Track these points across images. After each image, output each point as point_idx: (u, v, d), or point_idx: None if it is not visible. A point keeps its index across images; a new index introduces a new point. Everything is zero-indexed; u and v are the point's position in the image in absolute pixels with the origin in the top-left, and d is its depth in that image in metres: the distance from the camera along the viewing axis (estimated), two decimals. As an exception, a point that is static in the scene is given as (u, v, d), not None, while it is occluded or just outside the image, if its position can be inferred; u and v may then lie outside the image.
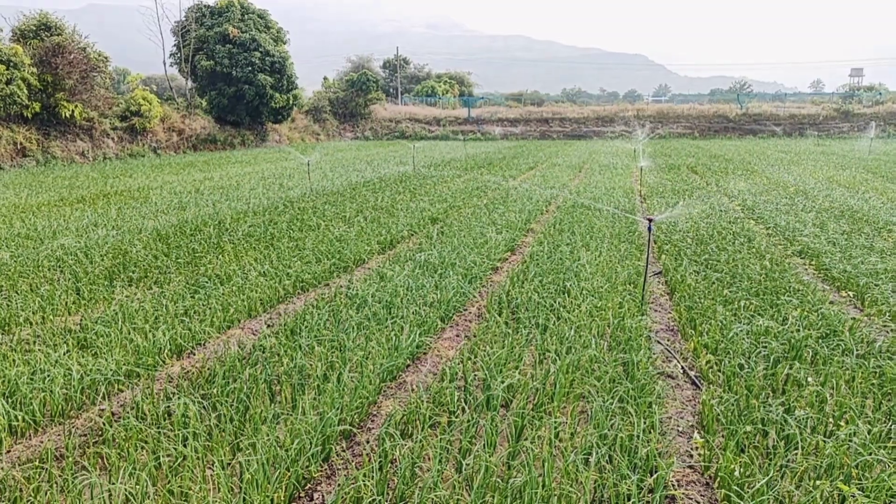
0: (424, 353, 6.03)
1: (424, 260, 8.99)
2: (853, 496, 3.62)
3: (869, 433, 4.29)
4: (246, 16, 42.65)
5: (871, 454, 4.00)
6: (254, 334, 6.50)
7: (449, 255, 9.24)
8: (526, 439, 4.24)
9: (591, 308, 6.90)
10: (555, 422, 4.44)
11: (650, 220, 7.23)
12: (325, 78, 62.66)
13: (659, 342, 6.31)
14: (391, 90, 71.22)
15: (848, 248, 9.80)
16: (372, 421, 4.74)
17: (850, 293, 7.83)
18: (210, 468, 3.97)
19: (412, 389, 5.13)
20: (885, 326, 6.66)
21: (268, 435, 4.18)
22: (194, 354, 5.98)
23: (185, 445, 4.16)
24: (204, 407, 4.71)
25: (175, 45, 43.27)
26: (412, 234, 11.41)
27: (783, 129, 53.32)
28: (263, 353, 5.73)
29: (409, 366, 5.72)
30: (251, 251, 9.71)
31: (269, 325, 6.68)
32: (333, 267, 8.85)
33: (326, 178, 20.58)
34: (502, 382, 5.00)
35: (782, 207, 13.87)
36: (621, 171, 22.44)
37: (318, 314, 6.67)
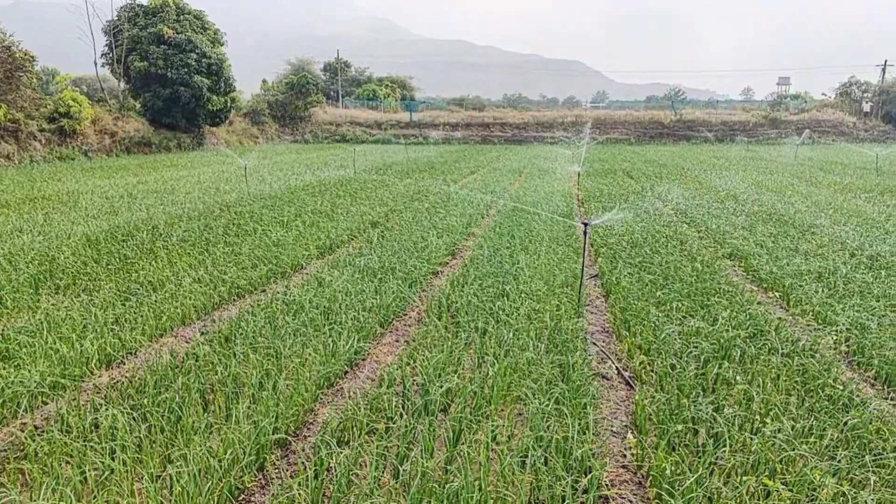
0: (363, 359, 5.99)
1: (364, 264, 8.93)
2: (777, 491, 3.74)
3: (793, 429, 4.45)
4: (182, 16, 41.69)
5: (794, 449, 4.14)
6: (187, 342, 6.34)
7: (389, 260, 9.21)
8: (464, 443, 4.25)
9: (529, 311, 6.97)
10: (492, 425, 4.47)
11: (586, 224, 7.36)
12: (263, 80, 61.70)
13: (594, 343, 6.42)
14: (332, 93, 70.64)
15: (775, 250, 10.15)
16: (308, 429, 4.68)
17: (777, 294, 8.11)
18: (139, 481, 3.85)
19: (350, 396, 5.08)
20: (808, 325, 6.92)
21: (200, 445, 4.08)
22: (124, 364, 5.80)
23: (112, 458, 4.03)
24: (134, 418, 4.57)
25: (107, 44, 41.90)
26: (352, 239, 11.33)
27: (715, 135, 54.96)
28: (197, 361, 5.59)
29: (346, 372, 5.67)
30: (185, 257, 9.48)
31: (203, 333, 6.53)
32: (270, 272, 8.72)
33: (265, 181, 20.28)
34: (441, 387, 5.00)
35: (713, 211, 14.29)
36: (560, 176, 22.77)
37: (254, 321, 6.55)
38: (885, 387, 5.48)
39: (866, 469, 4.02)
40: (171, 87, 39.70)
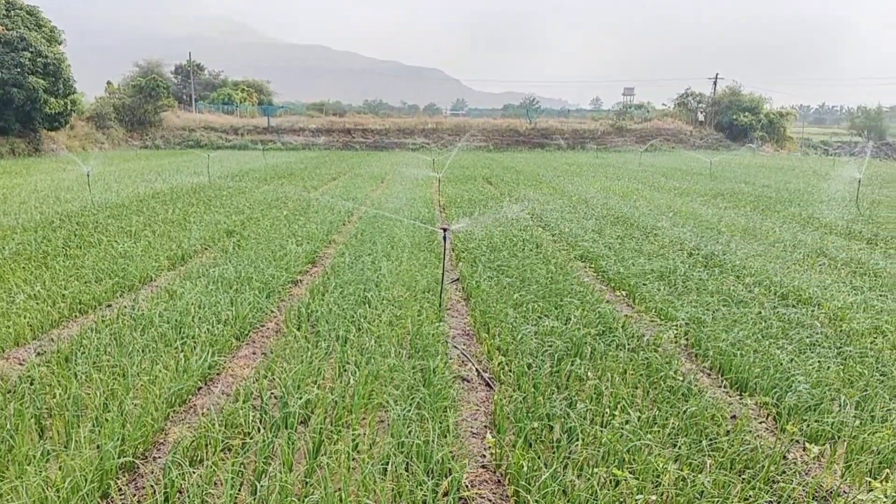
0: (218, 374, 5.76)
1: (219, 275, 8.60)
2: (626, 479, 3.95)
3: (639, 420, 4.72)
4: (12, 11, 38.43)
5: (640, 439, 4.39)
6: (21, 364, 5.83)
7: (246, 269, 8.92)
8: (324, 454, 4.18)
9: (391, 317, 6.98)
10: (354, 434, 4.43)
11: (445, 230, 7.47)
12: (108, 82, 58.03)
13: (455, 347, 6.52)
14: (185, 97, 67.62)
15: (621, 251, 10.76)
16: (158, 450, 4.43)
17: (624, 292, 8.59)
18: (-38, 521, 3.50)
19: (203, 413, 4.86)
20: (651, 322, 7.38)
21: (35, 475, 3.76)
22: (-55, 392, 5.24)
23: (-71, 498, 3.63)
24: (-45, 451, 4.14)
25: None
26: (206, 248, 10.88)
27: (567, 142, 57.58)
28: (32, 384, 5.15)
29: (200, 388, 5.43)
30: (20, 271, 8.72)
31: (39, 354, 6.03)
32: (117, 286, 8.20)
33: (110, 189, 19.07)
34: (300, 398, 4.90)
35: (567, 215, 14.95)
36: (422, 183, 23.01)
37: (98, 338, 6.13)
38: (719, 376, 5.94)
39: (703, 454, 4.33)
40: (3, 89, 36.49)
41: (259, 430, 4.53)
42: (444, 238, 7.75)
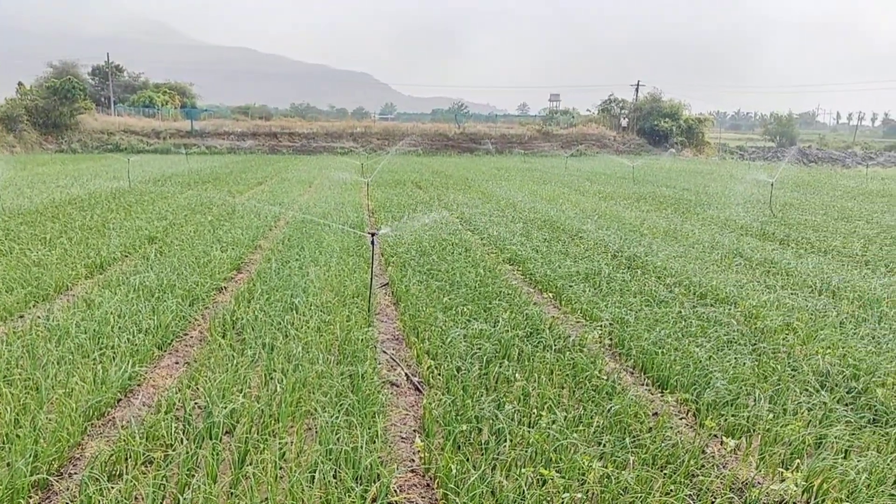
0: (139, 385, 5.57)
1: (140, 283, 8.33)
2: (552, 479, 4.02)
3: (565, 419, 4.81)
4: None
5: (566, 439, 4.48)
6: (-77, 381, 5.50)
7: (168, 277, 8.67)
8: (250, 464, 4.10)
9: (319, 323, 6.90)
10: (281, 442, 4.36)
11: (373, 235, 7.44)
12: (20, 84, 55.39)
13: (385, 352, 6.50)
14: (103, 99, 65.21)
15: (548, 254, 10.94)
16: (74, 465, 4.26)
17: (551, 294, 8.74)
18: None
19: (123, 426, 4.70)
20: (577, 322, 7.53)
21: (-62, 498, 3.56)
22: None
23: None
24: None
25: None
26: (126, 256, 10.52)
27: (496, 147, 58.15)
28: (-66, 402, 4.87)
29: (120, 400, 5.24)
30: (-79, 282, 8.24)
31: (-57, 369, 5.70)
32: (30, 296, 7.84)
33: (23, 195, 18.21)
34: (225, 408, 4.79)
35: (495, 219, 15.10)
36: (351, 187, 22.86)
37: (9, 351, 5.85)
38: (642, 374, 6.11)
39: (627, 451, 4.45)
40: None
41: (182, 442, 4.41)
42: (373, 243, 7.72)
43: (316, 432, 4.61)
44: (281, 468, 4.09)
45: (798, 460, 4.45)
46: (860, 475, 4.20)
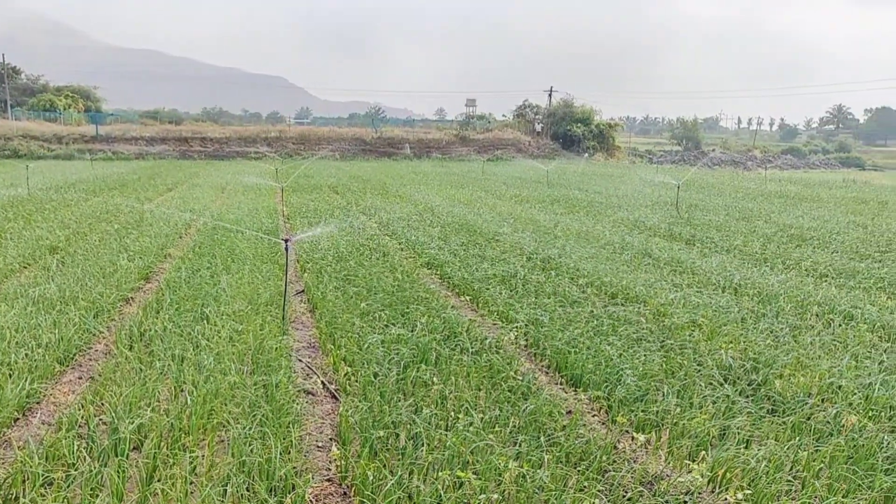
0: (38, 403, 5.29)
1: (40, 295, 7.92)
2: (469, 481, 4.04)
3: (482, 421, 4.85)
4: None
5: (482, 440, 4.52)
6: None
7: (71, 288, 8.27)
8: (159, 480, 3.96)
9: (232, 333, 6.73)
10: (191, 456, 4.23)
11: (286, 241, 7.32)
12: None
13: (300, 360, 6.40)
14: (-1, 103, 61.90)
15: (466, 257, 11.03)
16: (-35, 492, 4.00)
17: (468, 297, 8.81)
18: None
19: (20, 446, 4.44)
20: (494, 324, 7.62)
21: None
22: None
23: None
24: None
25: None
26: (25, 267, 9.98)
27: (414, 151, 58.26)
28: None
29: (17, 419, 4.96)
30: None
31: None
32: (-86, 312, 7.33)
33: None
34: (132, 423, 4.61)
35: (413, 224, 15.11)
36: (265, 192, 22.42)
37: None
38: (556, 373, 6.23)
39: (542, 450, 4.52)
40: None
41: (85, 461, 4.21)
42: (287, 249, 7.59)
43: (228, 444, 4.48)
44: (191, 483, 3.96)
45: (703, 452, 4.63)
46: (760, 463, 4.41)
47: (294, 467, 4.10)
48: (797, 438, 4.84)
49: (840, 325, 7.60)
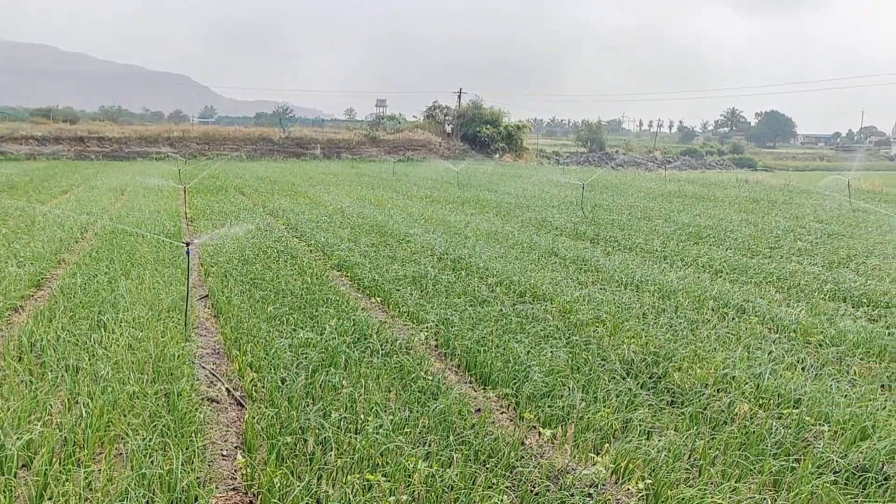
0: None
1: (-85, 306, 7.37)
2: (378, 483, 4.02)
3: (392, 423, 4.84)
4: None
5: (392, 442, 4.51)
6: None
7: (-49, 298, 7.74)
8: (49, 499, 3.76)
9: (131, 340, 6.46)
10: (87, 471, 4.03)
11: (188, 244, 7.09)
12: None
13: (204, 367, 6.21)
14: None
15: (376, 258, 10.99)
16: None
17: (379, 299, 8.77)
18: None
19: None
20: (405, 325, 7.62)
21: None
22: None
23: None
24: None
25: None
26: None
27: (323, 152, 57.54)
28: None
29: None
30: None
31: None
32: None
33: None
34: (20, 438, 4.35)
35: (322, 225, 14.92)
36: (167, 194, 21.64)
37: None
38: (466, 372, 6.29)
39: (451, 449, 4.55)
40: None
41: (-33, 482, 3.94)
42: (188, 252, 7.35)
43: (127, 457, 4.30)
44: (86, 499, 3.78)
45: (607, 444, 4.78)
46: (660, 453, 4.59)
47: (197, 478, 3.98)
48: (695, 428, 5.06)
49: (733, 319, 8.00)
